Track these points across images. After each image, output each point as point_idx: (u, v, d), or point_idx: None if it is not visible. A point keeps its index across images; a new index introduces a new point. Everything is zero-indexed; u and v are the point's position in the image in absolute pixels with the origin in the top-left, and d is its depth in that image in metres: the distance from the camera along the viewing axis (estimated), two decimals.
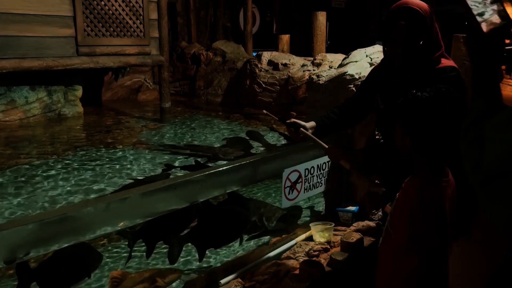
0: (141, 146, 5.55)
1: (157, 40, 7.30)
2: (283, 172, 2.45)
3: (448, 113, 1.38)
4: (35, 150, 5.21)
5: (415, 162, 1.47)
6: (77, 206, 1.67)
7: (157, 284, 1.94)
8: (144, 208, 1.77)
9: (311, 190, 2.72)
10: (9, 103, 6.21)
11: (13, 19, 5.64)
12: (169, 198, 1.85)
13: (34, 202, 3.78)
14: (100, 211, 1.58)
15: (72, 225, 1.52)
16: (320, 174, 2.76)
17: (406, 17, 1.75)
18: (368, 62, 4.02)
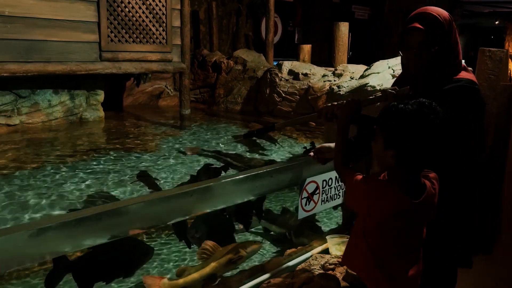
0: (160, 152, 5.57)
1: (179, 47, 7.36)
2: (300, 183, 2.41)
3: (429, 129, 1.36)
4: (57, 153, 5.27)
5: (395, 175, 1.45)
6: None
7: (240, 254, 2.25)
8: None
9: (328, 202, 2.66)
10: (32, 106, 6.32)
11: (39, 23, 5.74)
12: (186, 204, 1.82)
13: (58, 201, 3.85)
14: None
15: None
16: (338, 186, 2.70)
17: (421, 21, 1.69)
18: (391, 74, 3.97)
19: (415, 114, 1.37)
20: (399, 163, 1.40)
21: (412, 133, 1.37)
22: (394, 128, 1.40)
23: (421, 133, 1.36)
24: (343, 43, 8.08)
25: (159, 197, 1.75)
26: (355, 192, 1.51)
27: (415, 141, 1.36)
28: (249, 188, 2.11)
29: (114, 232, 1.56)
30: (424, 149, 1.37)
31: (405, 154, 1.38)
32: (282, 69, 7.83)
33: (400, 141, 1.38)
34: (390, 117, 1.42)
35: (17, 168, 4.63)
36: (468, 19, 15.59)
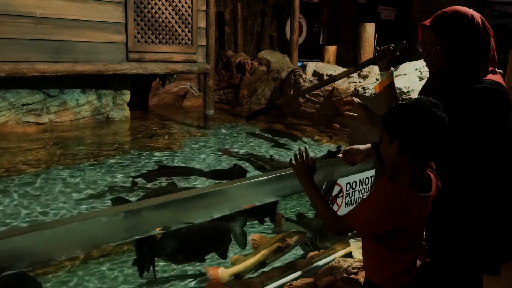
0: (185, 151, 5.61)
1: (204, 48, 7.41)
2: (324, 185, 2.39)
3: (428, 117, 1.40)
4: (84, 151, 5.38)
5: (400, 171, 1.46)
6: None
7: (287, 243, 2.41)
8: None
9: (352, 205, 2.64)
10: (61, 105, 6.46)
11: (68, 24, 5.87)
12: (204, 207, 1.83)
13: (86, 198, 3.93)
14: None
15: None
16: (363, 189, 2.68)
17: (435, 19, 1.68)
18: (418, 76, 3.88)
19: (413, 105, 1.42)
20: (402, 151, 1.42)
21: (411, 120, 1.40)
22: (393, 120, 1.44)
23: (421, 121, 1.39)
24: (369, 44, 7.99)
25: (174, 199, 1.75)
26: (361, 217, 1.49)
27: (415, 127, 1.40)
28: (271, 189, 2.10)
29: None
30: (427, 137, 1.40)
31: (407, 142, 1.41)
32: (306, 70, 7.79)
33: (401, 130, 1.42)
34: (390, 112, 1.47)
35: (49, 165, 4.74)
36: (498, 19, 15.22)
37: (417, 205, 1.44)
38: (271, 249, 2.37)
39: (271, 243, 2.42)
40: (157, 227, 1.70)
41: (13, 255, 1.29)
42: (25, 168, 4.60)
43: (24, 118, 6.05)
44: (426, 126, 1.39)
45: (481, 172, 1.64)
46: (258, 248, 2.39)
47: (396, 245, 1.47)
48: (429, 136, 1.40)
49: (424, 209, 1.47)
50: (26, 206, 3.69)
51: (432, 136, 1.40)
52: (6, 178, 4.28)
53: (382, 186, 1.46)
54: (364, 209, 1.46)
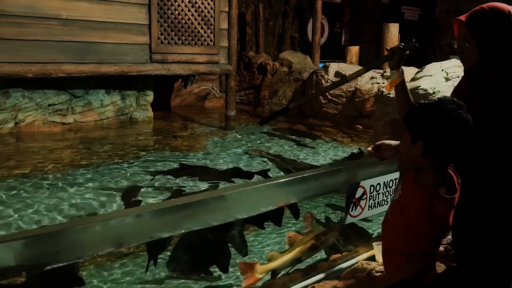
0: (207, 151, 5.65)
1: (226, 49, 7.44)
2: (348, 187, 2.35)
3: (450, 116, 1.40)
4: (109, 151, 5.45)
5: (423, 171, 1.48)
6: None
7: (321, 240, 2.46)
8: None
9: (375, 208, 2.58)
10: (86, 105, 6.58)
11: (93, 26, 5.96)
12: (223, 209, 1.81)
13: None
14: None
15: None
16: (387, 192, 2.62)
17: (469, 14, 1.68)
18: (444, 77, 3.80)
19: (437, 105, 1.42)
20: (427, 152, 1.42)
21: (436, 122, 1.41)
22: (418, 120, 1.45)
23: (446, 123, 1.39)
24: (393, 44, 7.85)
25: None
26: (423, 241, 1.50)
27: (440, 130, 1.40)
28: (294, 191, 2.07)
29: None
30: (452, 139, 1.41)
31: (432, 143, 1.41)
32: (329, 71, 7.74)
33: (426, 131, 1.42)
34: (414, 112, 1.47)
35: (73, 164, 4.83)
36: None
37: (443, 206, 1.43)
38: (306, 246, 2.41)
39: (306, 240, 2.45)
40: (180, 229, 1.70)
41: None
42: (51, 167, 4.69)
43: (50, 118, 6.18)
44: (452, 128, 1.39)
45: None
46: (294, 245, 2.43)
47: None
48: (454, 138, 1.40)
49: (450, 210, 1.46)
50: (56, 204, 3.77)
51: (457, 138, 1.40)
52: (33, 176, 4.37)
53: (415, 196, 1.46)
54: (418, 231, 1.45)
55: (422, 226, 1.43)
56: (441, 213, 1.42)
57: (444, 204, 1.43)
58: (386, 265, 1.68)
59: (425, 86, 3.24)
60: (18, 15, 5.37)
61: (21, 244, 1.20)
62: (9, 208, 3.61)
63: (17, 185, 4.11)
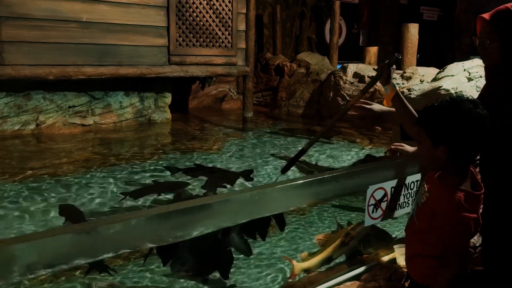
0: (225, 153, 5.65)
1: (243, 51, 7.44)
2: (368, 189, 2.30)
3: (466, 116, 1.39)
4: (129, 152, 5.49)
5: (447, 171, 1.47)
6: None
7: (351, 235, 2.56)
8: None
9: (396, 210, 2.54)
10: (105, 107, 6.64)
11: (112, 28, 6.02)
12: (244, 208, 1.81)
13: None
14: None
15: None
16: (408, 194, 2.57)
17: (492, 13, 1.68)
18: (466, 77, 3.71)
19: (454, 107, 1.41)
20: (451, 156, 1.43)
21: (457, 125, 1.40)
22: (437, 125, 1.44)
23: (467, 125, 1.39)
24: (412, 45, 7.78)
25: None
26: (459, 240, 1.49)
27: (462, 133, 1.40)
28: (314, 192, 2.06)
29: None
30: (474, 141, 1.41)
31: (456, 147, 1.41)
32: (347, 72, 7.68)
33: (448, 135, 1.41)
34: (430, 115, 1.46)
35: (93, 165, 4.88)
36: None
37: (473, 203, 1.43)
38: (336, 245, 2.50)
39: (336, 239, 2.53)
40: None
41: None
42: (72, 168, 4.75)
43: (70, 120, 6.26)
44: (473, 130, 1.39)
45: None
46: (325, 245, 2.52)
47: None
48: (476, 138, 1.40)
49: (479, 206, 1.46)
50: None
51: (479, 137, 1.41)
52: (57, 177, 4.43)
53: (444, 197, 1.44)
54: (453, 232, 1.44)
55: (457, 225, 1.42)
56: (472, 210, 1.41)
57: (474, 201, 1.42)
58: (413, 271, 1.64)
59: (447, 86, 3.17)
60: (40, 18, 5.45)
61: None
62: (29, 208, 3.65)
63: (38, 185, 4.16)
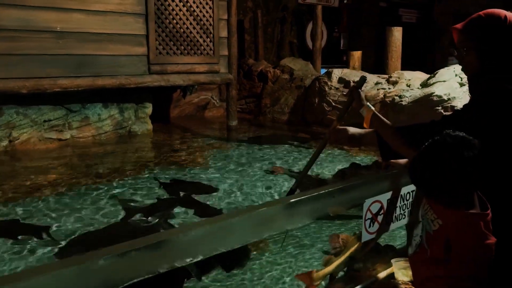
0: (210, 166, 5.46)
1: (226, 58, 7.28)
2: (364, 203, 2.19)
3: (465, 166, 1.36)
4: (108, 168, 5.25)
5: (458, 195, 1.41)
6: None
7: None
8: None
9: (393, 223, 2.45)
10: (83, 120, 6.37)
11: (89, 38, 5.78)
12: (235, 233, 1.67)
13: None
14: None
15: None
16: (404, 205, 2.47)
17: (465, 22, 1.66)
18: (458, 82, 3.63)
19: (439, 158, 1.38)
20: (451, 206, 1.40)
21: (447, 181, 1.37)
22: (431, 183, 1.42)
23: (457, 178, 1.35)
24: (397, 48, 7.73)
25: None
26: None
27: (454, 186, 1.37)
28: (310, 210, 1.88)
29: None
30: (463, 184, 1.37)
31: (451, 199, 1.39)
32: (332, 77, 7.58)
33: (441, 193, 1.40)
34: (421, 173, 1.45)
35: (70, 184, 4.63)
36: None
37: (487, 224, 1.38)
38: (358, 246, 2.39)
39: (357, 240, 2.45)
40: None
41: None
42: (47, 187, 4.49)
43: (46, 135, 5.98)
44: (466, 174, 1.35)
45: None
46: (346, 247, 2.42)
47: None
48: (467, 182, 1.36)
49: (490, 225, 1.40)
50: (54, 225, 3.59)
51: (470, 180, 1.37)
52: (29, 198, 4.18)
53: (462, 223, 1.38)
54: (474, 256, 1.38)
55: (481, 254, 1.37)
56: (488, 231, 1.37)
57: (487, 221, 1.38)
58: None
59: (439, 93, 3.07)
60: (11, 29, 5.19)
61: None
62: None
63: (10, 210, 3.91)
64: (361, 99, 2.08)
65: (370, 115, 2.01)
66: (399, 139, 1.90)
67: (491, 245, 1.35)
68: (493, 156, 1.48)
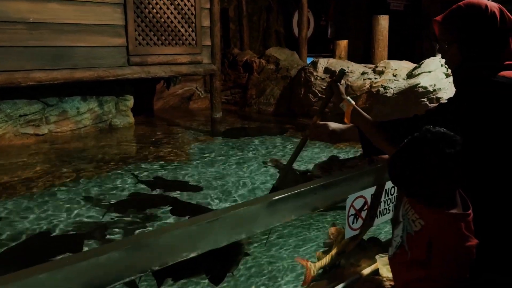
0: (193, 161, 5.31)
1: (209, 48, 7.10)
2: (347, 199, 2.10)
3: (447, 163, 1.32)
4: (87, 164, 5.10)
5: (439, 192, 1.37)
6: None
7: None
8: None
9: (377, 218, 2.38)
10: (61, 114, 6.17)
11: (65, 29, 5.57)
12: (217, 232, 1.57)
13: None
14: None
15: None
16: (388, 200, 2.43)
17: (446, 15, 1.62)
18: (444, 73, 3.52)
19: (419, 157, 1.34)
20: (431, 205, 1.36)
21: (427, 179, 1.33)
22: (411, 182, 1.39)
23: (438, 176, 1.31)
24: (383, 37, 7.61)
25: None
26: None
27: (435, 186, 1.33)
28: (292, 207, 1.81)
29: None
30: (444, 183, 1.33)
31: (433, 200, 1.36)
32: (317, 67, 7.45)
33: (422, 189, 1.36)
34: (400, 171, 1.41)
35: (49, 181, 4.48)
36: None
37: (469, 224, 1.36)
38: (346, 240, 2.46)
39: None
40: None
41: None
42: (24, 186, 4.33)
43: (22, 130, 5.78)
44: (445, 175, 1.31)
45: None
46: (336, 240, 2.50)
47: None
48: (451, 178, 1.33)
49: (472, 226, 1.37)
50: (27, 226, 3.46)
51: (451, 177, 1.33)
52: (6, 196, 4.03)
53: (444, 223, 1.33)
54: (456, 257, 1.35)
55: (462, 255, 1.34)
56: (469, 232, 1.34)
57: (468, 221, 1.35)
58: None
59: (424, 84, 2.96)
60: None
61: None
62: None
63: None
64: (340, 93, 2.01)
65: (350, 110, 1.93)
66: (380, 134, 1.83)
67: (472, 247, 1.33)
68: (474, 147, 1.46)
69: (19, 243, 3.20)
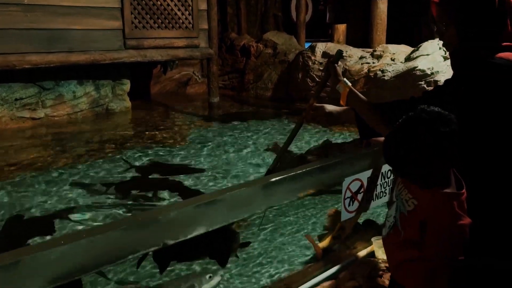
0: (190, 145, 5.31)
1: (206, 32, 7.05)
2: (344, 182, 2.12)
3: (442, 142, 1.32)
4: (84, 148, 5.09)
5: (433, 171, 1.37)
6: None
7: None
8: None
9: (373, 201, 2.37)
10: (57, 98, 6.14)
11: (60, 11, 5.53)
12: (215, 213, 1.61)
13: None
14: None
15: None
16: (385, 183, 2.46)
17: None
18: (442, 56, 3.51)
19: (414, 137, 1.33)
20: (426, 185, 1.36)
21: (423, 161, 1.32)
22: (402, 164, 1.38)
23: (431, 152, 1.30)
24: (382, 21, 7.55)
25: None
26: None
27: (430, 166, 1.32)
28: (288, 190, 1.88)
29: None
30: (439, 163, 1.32)
31: (427, 181, 1.35)
32: (316, 52, 7.41)
33: (416, 171, 1.35)
34: (395, 152, 1.39)
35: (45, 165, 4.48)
36: None
37: (462, 204, 1.35)
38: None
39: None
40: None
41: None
42: (21, 169, 4.33)
43: (18, 114, 5.76)
44: (440, 155, 1.31)
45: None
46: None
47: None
48: (445, 157, 1.32)
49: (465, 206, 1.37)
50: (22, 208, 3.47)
51: (448, 156, 1.32)
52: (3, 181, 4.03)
53: (437, 203, 1.33)
54: (450, 236, 1.35)
55: (455, 234, 1.34)
56: (465, 214, 1.33)
57: (461, 201, 1.35)
58: (403, 278, 1.52)
59: (422, 67, 2.94)
60: None
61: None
62: None
63: None
64: (337, 74, 1.98)
65: (346, 92, 1.92)
66: (376, 116, 1.82)
67: (465, 226, 1.33)
68: (471, 131, 1.45)
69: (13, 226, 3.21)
